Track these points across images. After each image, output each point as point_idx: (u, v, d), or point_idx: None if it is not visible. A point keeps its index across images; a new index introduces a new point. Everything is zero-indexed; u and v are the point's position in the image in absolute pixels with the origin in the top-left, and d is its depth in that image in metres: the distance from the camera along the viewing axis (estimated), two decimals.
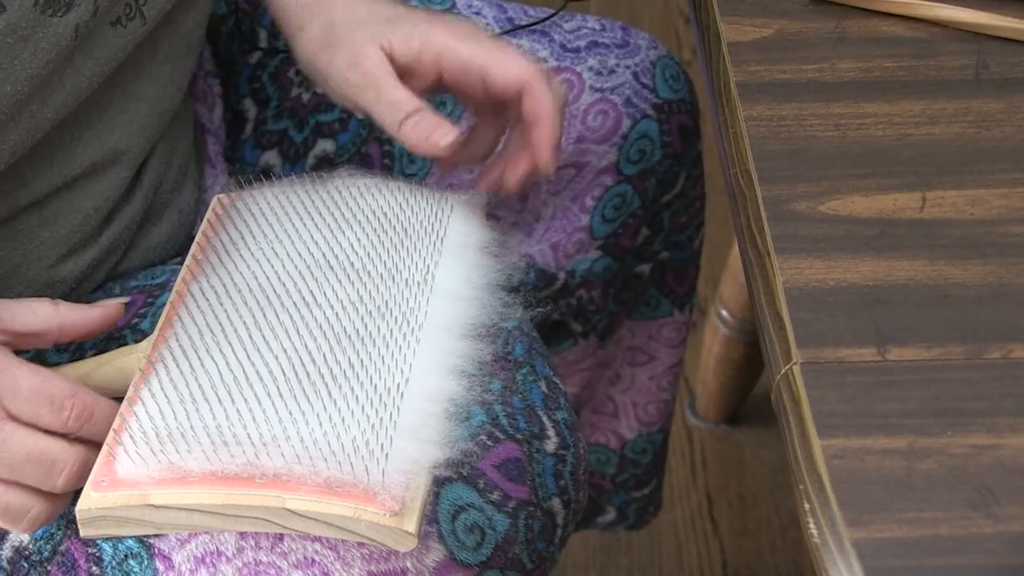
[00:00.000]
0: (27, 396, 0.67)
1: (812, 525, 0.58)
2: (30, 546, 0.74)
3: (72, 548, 0.74)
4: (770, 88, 0.77)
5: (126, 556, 0.72)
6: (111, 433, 0.69)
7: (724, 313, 1.45)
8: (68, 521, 0.74)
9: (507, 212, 1.01)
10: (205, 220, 0.80)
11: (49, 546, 0.74)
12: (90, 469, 0.68)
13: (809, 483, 0.59)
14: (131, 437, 0.68)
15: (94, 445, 0.69)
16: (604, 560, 1.48)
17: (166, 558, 0.72)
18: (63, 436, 0.68)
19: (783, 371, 0.64)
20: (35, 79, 0.72)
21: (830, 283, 0.67)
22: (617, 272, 1.07)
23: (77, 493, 0.68)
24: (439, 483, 0.74)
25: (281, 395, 0.69)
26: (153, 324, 0.80)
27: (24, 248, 0.78)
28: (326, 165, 0.97)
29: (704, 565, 1.48)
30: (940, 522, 0.57)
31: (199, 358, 0.71)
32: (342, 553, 0.71)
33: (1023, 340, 0.64)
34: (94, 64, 0.76)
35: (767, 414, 1.60)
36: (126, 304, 0.82)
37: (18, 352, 0.80)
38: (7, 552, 0.75)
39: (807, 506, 0.59)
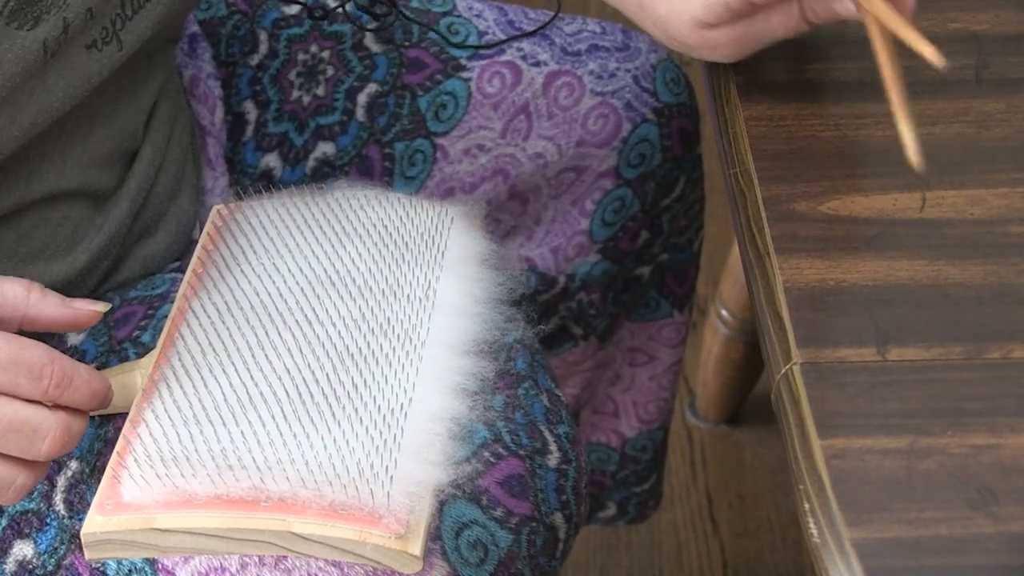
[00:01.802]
0: (4, 366, 0.65)
1: (812, 525, 0.58)
2: (34, 560, 0.74)
3: (76, 563, 0.73)
4: (770, 88, 0.77)
5: (130, 572, 0.72)
6: (115, 456, 0.69)
7: (724, 313, 1.45)
8: (72, 535, 0.74)
9: (508, 216, 1.01)
10: (204, 232, 0.80)
11: (53, 560, 0.74)
12: (73, 435, 0.66)
13: (809, 483, 0.59)
14: (135, 460, 0.68)
15: (75, 411, 0.67)
16: (604, 560, 1.48)
17: (170, 574, 0.72)
18: (42, 404, 0.66)
19: (783, 371, 0.64)
20: (1, 91, 0.71)
21: (830, 283, 0.67)
22: (617, 275, 1.07)
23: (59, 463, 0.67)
24: (442, 500, 0.74)
25: (285, 417, 0.69)
26: (154, 337, 0.80)
27: (3, 265, 0.78)
28: (326, 168, 0.97)
29: (704, 565, 1.48)
30: (940, 522, 0.57)
31: (202, 378, 0.71)
32: (346, 571, 0.71)
33: (1023, 340, 0.64)
34: (67, 86, 0.74)
35: (767, 414, 1.60)
36: (127, 316, 0.82)
37: None
38: (11, 566, 0.75)
39: (807, 506, 0.59)
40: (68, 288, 0.82)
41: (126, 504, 0.68)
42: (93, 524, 0.67)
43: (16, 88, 0.71)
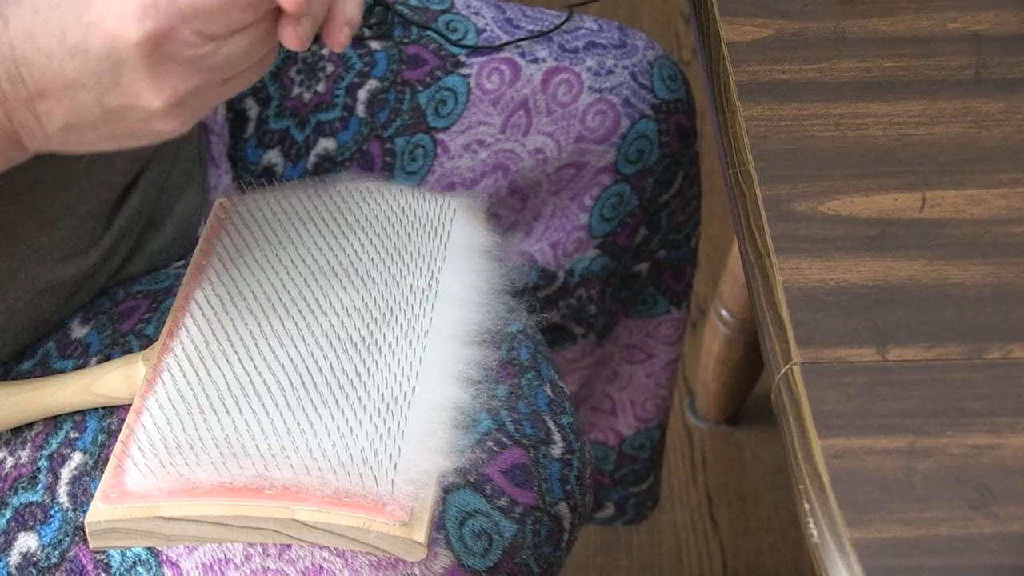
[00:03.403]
0: (210, 13, 0.62)
1: (812, 525, 0.58)
2: (38, 552, 0.74)
3: (80, 554, 0.73)
4: (770, 88, 0.77)
5: (134, 563, 0.72)
6: (119, 444, 0.69)
7: (724, 313, 1.45)
8: (76, 527, 0.74)
9: (508, 211, 1.01)
10: (207, 225, 0.80)
11: (57, 552, 0.74)
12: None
13: (809, 483, 0.59)
14: (139, 449, 0.68)
15: None
16: (604, 560, 1.48)
17: (174, 565, 0.72)
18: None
19: (783, 371, 0.64)
20: None
21: (830, 283, 0.67)
22: (615, 271, 1.07)
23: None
24: (446, 489, 0.74)
25: (289, 405, 0.69)
26: (158, 330, 0.80)
27: (23, 254, 0.78)
28: (327, 163, 0.97)
29: (704, 565, 1.48)
30: (940, 522, 0.57)
31: (205, 367, 0.71)
32: (350, 560, 0.71)
33: (1023, 340, 0.64)
34: None
35: (767, 414, 1.60)
36: (131, 309, 0.82)
37: (20, 360, 0.80)
38: (15, 558, 0.75)
39: (807, 506, 0.59)
40: (80, 285, 0.82)
41: (130, 493, 0.68)
42: (97, 513, 0.68)
43: None
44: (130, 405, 0.74)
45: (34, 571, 0.74)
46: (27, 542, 0.75)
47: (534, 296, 1.03)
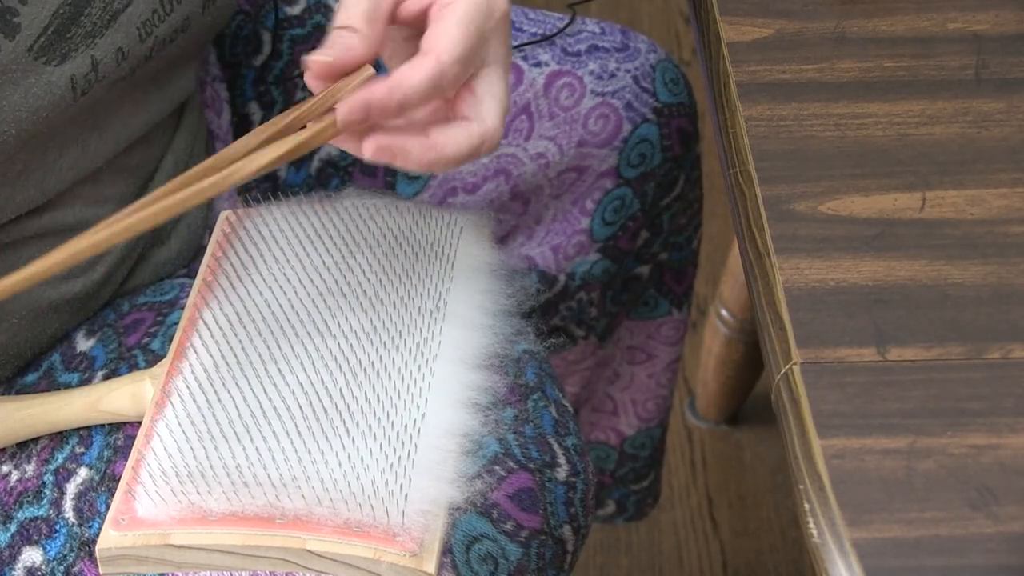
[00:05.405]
0: None
1: (812, 525, 0.58)
2: (43, 567, 0.74)
3: (85, 570, 0.73)
4: (770, 88, 0.77)
5: None
6: (128, 470, 0.69)
7: (724, 313, 1.45)
8: (82, 543, 0.74)
9: (509, 216, 1.01)
10: (213, 239, 0.80)
11: (62, 568, 0.74)
12: None
13: (809, 483, 0.59)
14: (150, 475, 0.68)
15: None
16: (604, 560, 1.48)
17: None
18: None
19: (783, 371, 0.64)
20: (23, 123, 0.71)
21: (830, 283, 0.67)
22: (616, 274, 1.07)
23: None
24: (454, 516, 0.74)
25: (300, 432, 0.69)
26: (163, 344, 0.80)
27: None
28: (330, 168, 0.97)
29: (704, 565, 1.48)
30: (940, 522, 0.58)
31: (215, 391, 0.70)
32: None
33: (1023, 340, 0.64)
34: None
35: (767, 414, 1.60)
36: (137, 322, 0.82)
37: (25, 372, 0.80)
38: (19, 572, 0.75)
39: (807, 506, 0.59)
40: (85, 301, 0.82)
41: (141, 520, 0.68)
42: (108, 539, 0.67)
43: (54, 125, 0.72)
44: (137, 422, 0.74)
45: None
46: (32, 556, 0.75)
47: (542, 319, 1.03)
